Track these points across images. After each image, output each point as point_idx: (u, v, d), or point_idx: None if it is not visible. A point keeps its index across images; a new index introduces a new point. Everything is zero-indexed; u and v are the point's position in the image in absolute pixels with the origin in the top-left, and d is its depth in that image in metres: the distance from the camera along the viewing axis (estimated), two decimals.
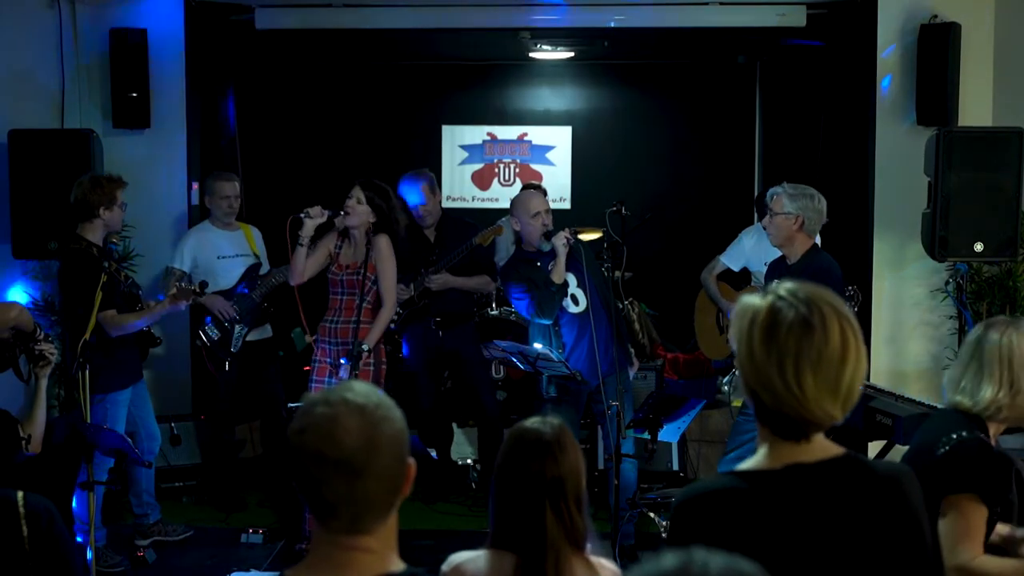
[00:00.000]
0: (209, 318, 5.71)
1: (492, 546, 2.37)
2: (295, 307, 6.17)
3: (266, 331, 5.89)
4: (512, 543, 2.32)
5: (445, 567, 2.38)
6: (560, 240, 4.85)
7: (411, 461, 1.67)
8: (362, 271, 4.94)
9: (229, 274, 5.77)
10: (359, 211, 4.93)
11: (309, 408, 1.61)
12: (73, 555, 3.63)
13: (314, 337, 5.09)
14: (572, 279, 4.99)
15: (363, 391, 1.64)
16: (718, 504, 1.74)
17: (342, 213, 4.94)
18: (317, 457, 1.57)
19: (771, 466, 1.76)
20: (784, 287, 1.77)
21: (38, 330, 4.18)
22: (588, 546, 2.38)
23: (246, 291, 5.74)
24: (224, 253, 5.80)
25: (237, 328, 5.69)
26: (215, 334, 5.71)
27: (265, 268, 5.85)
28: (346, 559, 1.63)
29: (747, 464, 1.81)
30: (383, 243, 4.97)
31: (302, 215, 4.92)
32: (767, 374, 1.71)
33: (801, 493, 1.73)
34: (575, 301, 4.99)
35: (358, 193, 4.94)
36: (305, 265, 4.96)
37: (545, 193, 7.86)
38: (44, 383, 4.15)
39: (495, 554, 2.35)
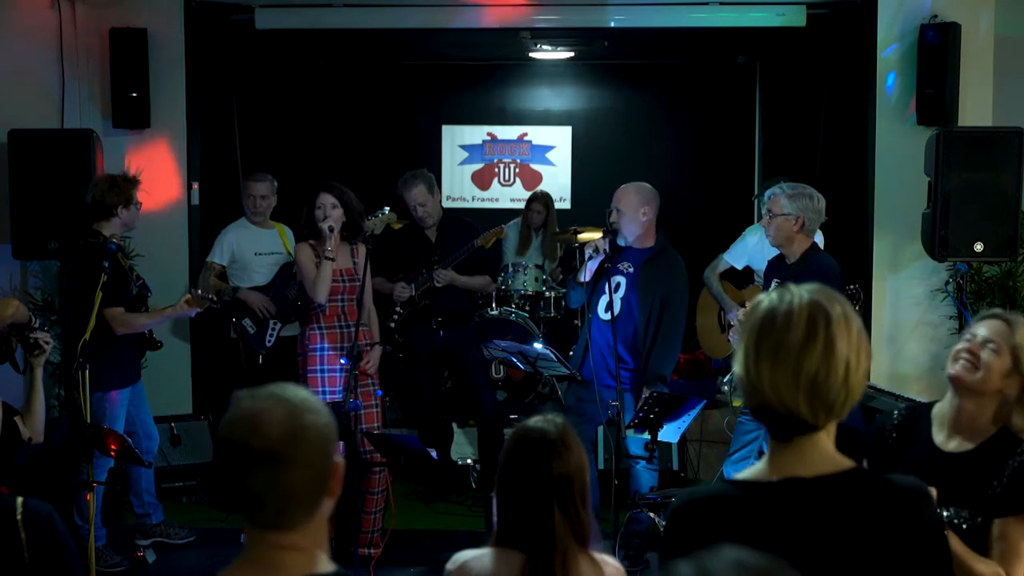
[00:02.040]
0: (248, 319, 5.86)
1: (497, 544, 2.37)
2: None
3: (297, 328, 5.95)
4: (518, 541, 2.33)
5: (450, 566, 2.39)
6: (588, 248, 4.82)
7: (339, 459, 1.69)
8: (357, 277, 5.00)
9: (264, 270, 5.90)
10: (337, 216, 4.97)
11: (236, 402, 1.67)
12: (75, 559, 3.64)
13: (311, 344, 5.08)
14: (623, 287, 4.91)
15: (291, 389, 1.69)
16: (711, 512, 1.72)
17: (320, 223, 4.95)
18: (242, 447, 1.61)
19: (768, 477, 1.75)
20: (790, 285, 1.78)
21: (32, 319, 4.19)
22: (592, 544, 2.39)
23: (282, 288, 5.86)
24: (260, 250, 5.94)
25: (272, 323, 5.78)
26: (252, 328, 5.81)
27: None
28: (275, 559, 1.64)
29: (748, 472, 1.80)
30: (363, 251, 5.06)
31: (328, 229, 4.91)
32: (743, 369, 1.73)
33: (793, 509, 1.70)
34: (609, 308, 4.87)
35: (331, 199, 4.95)
36: None
37: (547, 203, 7.90)
38: (39, 372, 4.16)
39: (500, 552, 2.35)
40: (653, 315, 4.85)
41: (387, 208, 5.39)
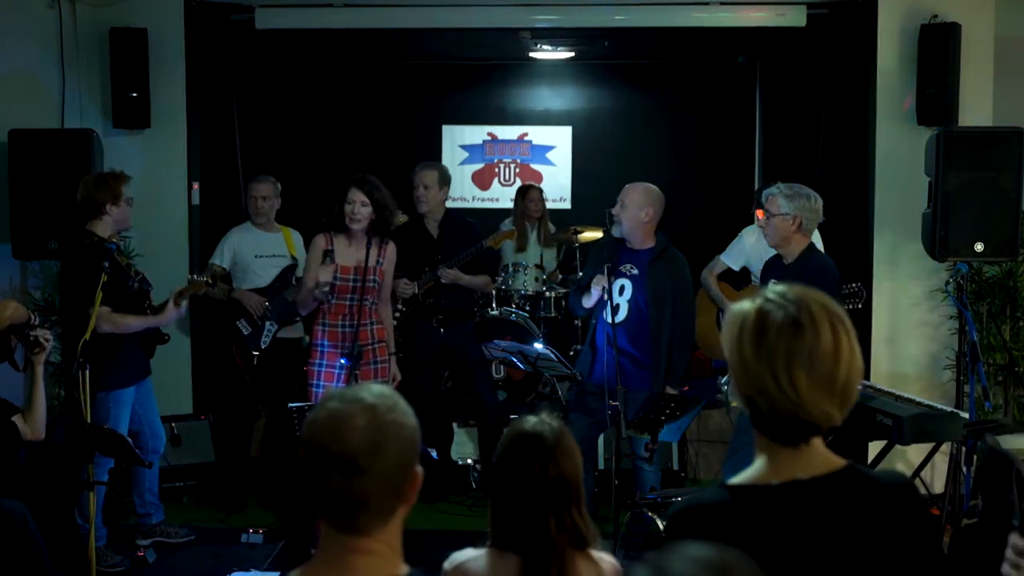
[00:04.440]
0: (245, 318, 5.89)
1: (494, 546, 2.37)
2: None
3: (298, 330, 5.95)
4: (514, 544, 2.32)
5: (447, 565, 2.38)
6: (596, 284, 4.84)
7: (419, 470, 1.68)
8: (372, 275, 4.97)
9: (265, 273, 5.90)
10: (364, 214, 4.93)
11: (324, 402, 1.66)
12: (44, 556, 3.65)
13: (315, 340, 5.07)
14: (628, 289, 4.92)
15: (379, 392, 1.67)
16: (710, 519, 1.71)
17: (347, 219, 4.93)
18: (321, 450, 1.60)
19: (767, 480, 1.74)
20: (773, 290, 1.75)
21: (32, 318, 4.18)
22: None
23: (281, 290, 5.89)
24: (262, 252, 5.94)
25: (268, 325, 5.79)
26: (246, 329, 5.83)
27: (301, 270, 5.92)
28: (348, 561, 1.64)
29: (744, 476, 1.78)
30: (393, 250, 5.09)
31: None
32: (760, 378, 1.69)
33: (794, 512, 1.70)
34: (615, 311, 4.87)
35: (360, 196, 4.91)
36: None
37: (541, 192, 7.92)
38: (40, 370, 4.15)
39: (497, 554, 2.35)
40: (665, 314, 4.87)
41: (399, 210, 5.40)
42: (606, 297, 4.83)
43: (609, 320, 4.84)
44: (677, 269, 4.95)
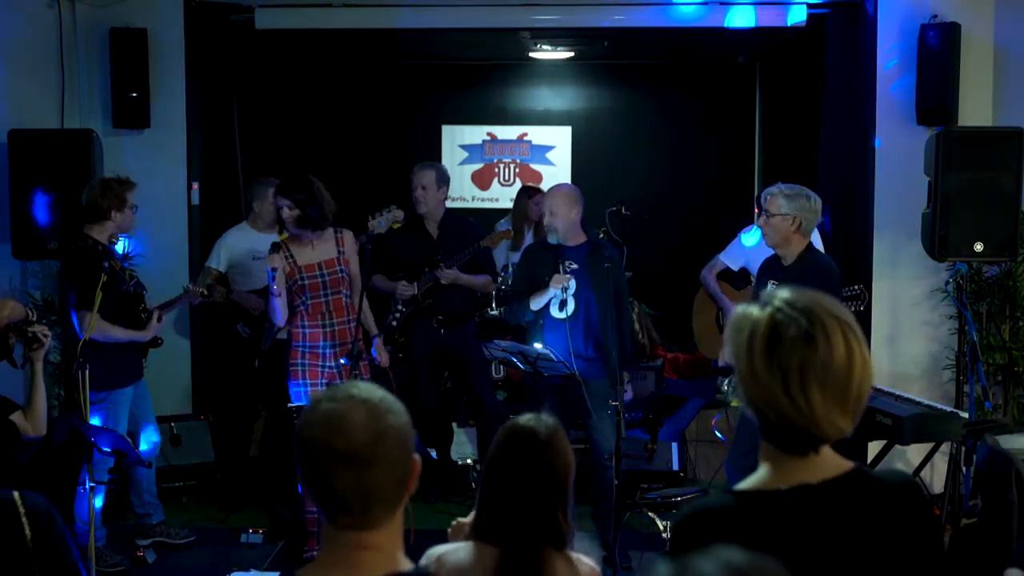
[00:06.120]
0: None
1: (475, 537, 2.38)
2: None
3: None
4: (495, 536, 2.34)
5: (424, 560, 2.39)
6: (556, 283, 4.95)
7: (416, 457, 1.70)
8: (337, 265, 5.01)
9: (262, 274, 5.86)
10: (295, 217, 4.96)
11: (315, 404, 1.67)
12: (72, 551, 3.65)
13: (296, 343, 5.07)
14: (572, 285, 5.01)
15: (366, 388, 1.70)
16: (718, 525, 1.68)
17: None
18: (326, 449, 1.61)
19: (775, 485, 1.71)
20: (781, 297, 1.71)
21: (30, 314, 4.18)
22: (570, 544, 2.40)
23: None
24: (259, 254, 5.90)
25: (267, 326, 5.79)
26: (246, 331, 5.84)
27: None
28: (356, 558, 1.65)
29: (750, 482, 1.76)
30: (351, 237, 5.10)
31: (273, 274, 4.92)
32: (771, 390, 1.66)
33: (804, 516, 1.69)
34: (562, 307, 5.03)
35: (285, 202, 4.96)
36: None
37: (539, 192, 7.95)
38: (39, 366, 4.15)
39: (478, 546, 2.37)
40: (609, 303, 4.98)
41: (394, 207, 5.40)
42: (567, 295, 4.96)
43: (558, 315, 5.01)
44: (615, 260, 5.10)
